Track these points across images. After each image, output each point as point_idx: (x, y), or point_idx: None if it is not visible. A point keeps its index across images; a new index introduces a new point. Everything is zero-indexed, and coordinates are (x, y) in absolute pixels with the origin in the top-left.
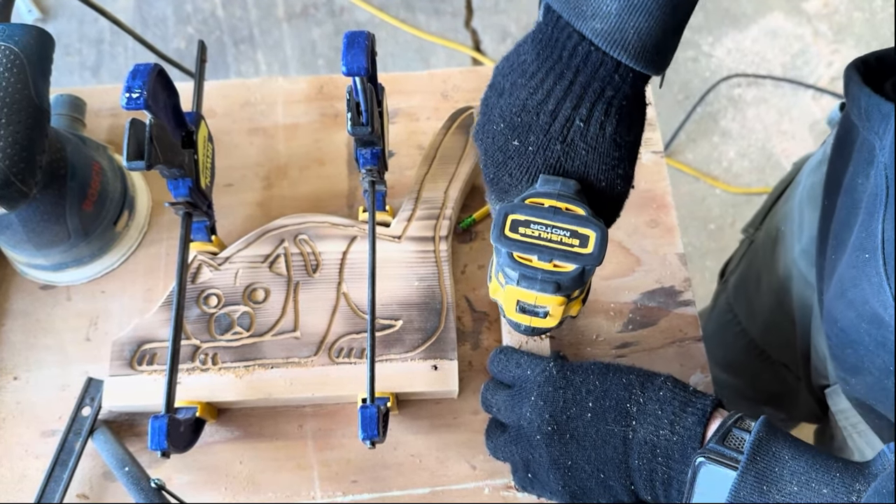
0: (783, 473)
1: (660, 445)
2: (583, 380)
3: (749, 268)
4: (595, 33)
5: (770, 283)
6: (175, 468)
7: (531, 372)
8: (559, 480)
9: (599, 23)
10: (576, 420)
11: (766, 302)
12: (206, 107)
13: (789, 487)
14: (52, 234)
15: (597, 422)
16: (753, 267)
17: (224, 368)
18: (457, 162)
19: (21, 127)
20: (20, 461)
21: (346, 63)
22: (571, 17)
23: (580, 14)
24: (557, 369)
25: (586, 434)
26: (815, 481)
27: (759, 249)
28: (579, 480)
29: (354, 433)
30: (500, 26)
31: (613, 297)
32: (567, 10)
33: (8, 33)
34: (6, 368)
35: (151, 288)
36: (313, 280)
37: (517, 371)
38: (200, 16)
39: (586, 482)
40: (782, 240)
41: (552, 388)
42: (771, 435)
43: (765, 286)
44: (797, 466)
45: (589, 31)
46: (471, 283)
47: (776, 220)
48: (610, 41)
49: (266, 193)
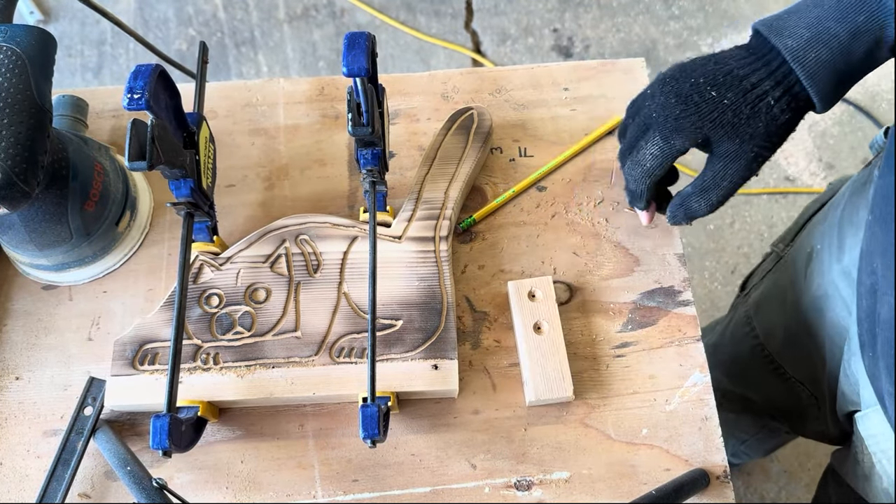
0: None
1: None
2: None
3: (775, 285)
4: (785, 48)
5: (799, 301)
6: (177, 467)
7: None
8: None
9: (792, 41)
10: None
11: (791, 320)
12: (207, 108)
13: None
14: (54, 234)
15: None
16: (780, 284)
17: (225, 368)
18: (457, 162)
19: (23, 127)
20: (22, 460)
21: (347, 64)
22: (772, 36)
23: (779, 34)
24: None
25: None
26: None
27: (789, 267)
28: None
29: (355, 432)
30: (499, 28)
31: (613, 297)
32: (770, 32)
33: (10, 34)
34: (8, 368)
35: (153, 288)
36: (314, 280)
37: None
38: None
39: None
40: (817, 259)
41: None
42: None
43: (791, 304)
44: None
45: (781, 46)
46: (471, 282)
47: (811, 239)
48: (793, 56)
49: (267, 194)
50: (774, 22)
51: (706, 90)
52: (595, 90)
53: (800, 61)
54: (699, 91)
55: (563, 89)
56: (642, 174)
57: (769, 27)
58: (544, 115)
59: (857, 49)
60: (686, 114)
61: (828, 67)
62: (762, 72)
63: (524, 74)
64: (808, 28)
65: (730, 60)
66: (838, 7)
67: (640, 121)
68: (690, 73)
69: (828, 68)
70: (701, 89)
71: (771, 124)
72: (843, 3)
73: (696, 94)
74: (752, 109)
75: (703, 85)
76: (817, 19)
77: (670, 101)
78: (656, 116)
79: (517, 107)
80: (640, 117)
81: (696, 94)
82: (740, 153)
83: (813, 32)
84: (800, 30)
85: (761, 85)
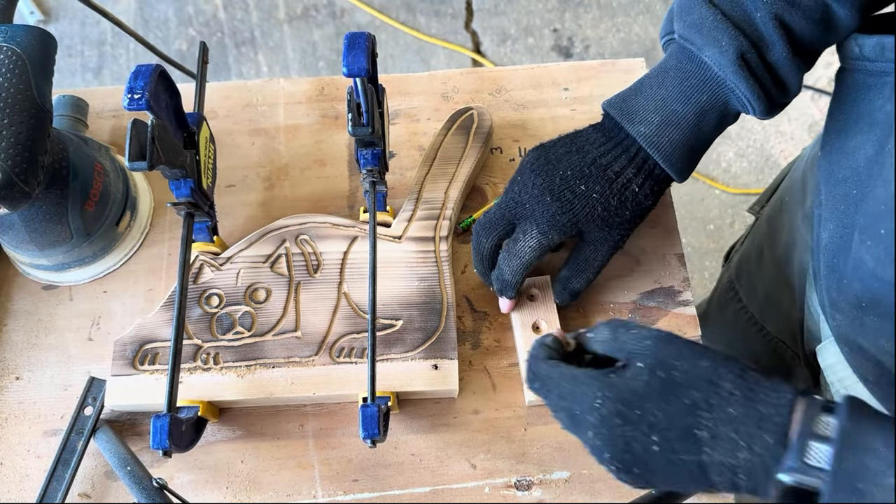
0: (879, 467)
1: (740, 466)
2: (641, 413)
3: (752, 243)
4: (640, 135)
5: (772, 255)
6: (177, 467)
7: (579, 410)
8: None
9: (644, 127)
10: (642, 456)
11: (766, 275)
12: (207, 108)
13: (887, 481)
14: (55, 234)
15: (665, 453)
16: (756, 242)
17: (226, 368)
18: (457, 162)
19: (23, 127)
20: (22, 460)
21: (347, 64)
22: (624, 121)
23: (631, 119)
24: (608, 407)
25: (656, 465)
26: None
27: (763, 224)
28: (654, 486)
29: (355, 432)
30: (499, 28)
31: (613, 297)
32: (621, 117)
33: (10, 34)
34: (9, 368)
35: (153, 288)
36: (314, 280)
37: (563, 403)
38: (202, 18)
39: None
40: (786, 210)
41: (607, 430)
42: (857, 425)
43: (767, 259)
44: (891, 455)
45: (635, 133)
46: (471, 282)
47: (780, 193)
48: (648, 142)
49: (267, 194)
50: (623, 105)
51: (575, 185)
52: (595, 90)
53: (655, 146)
54: (569, 186)
55: (563, 89)
56: (520, 266)
57: (620, 111)
58: (544, 115)
59: (706, 126)
60: (562, 211)
61: (681, 146)
62: (623, 159)
63: (524, 74)
64: (656, 112)
65: (591, 148)
66: (681, 89)
67: (512, 205)
68: (556, 164)
69: (682, 147)
70: (570, 184)
71: (636, 210)
72: (686, 84)
73: (567, 190)
74: (619, 200)
75: (571, 178)
76: (663, 102)
77: (545, 199)
78: (531, 210)
79: (517, 107)
80: (511, 204)
81: (567, 191)
82: (608, 238)
83: (661, 116)
84: (649, 114)
85: (624, 173)
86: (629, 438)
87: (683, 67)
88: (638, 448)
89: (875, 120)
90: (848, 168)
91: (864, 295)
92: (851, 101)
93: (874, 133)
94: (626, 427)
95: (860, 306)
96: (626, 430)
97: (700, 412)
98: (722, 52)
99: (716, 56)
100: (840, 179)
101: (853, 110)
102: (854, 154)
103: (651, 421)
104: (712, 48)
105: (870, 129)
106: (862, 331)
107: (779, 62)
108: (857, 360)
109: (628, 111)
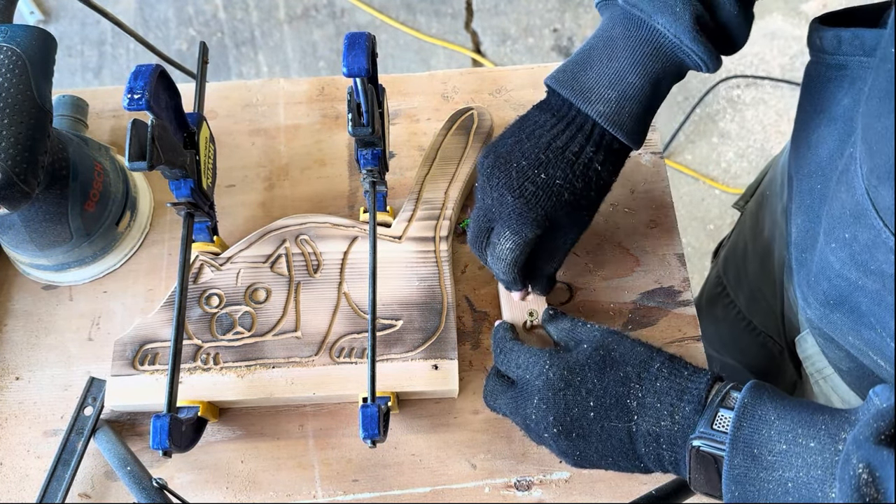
0: (771, 434)
1: (663, 434)
2: (581, 380)
3: (738, 238)
4: (599, 115)
5: (755, 248)
6: (177, 467)
7: (530, 375)
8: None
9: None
10: (580, 420)
11: (751, 269)
12: (207, 108)
13: (779, 447)
14: (55, 234)
15: (600, 419)
16: (741, 236)
17: (226, 368)
18: (457, 162)
19: (23, 127)
20: (22, 461)
21: (347, 64)
22: (579, 101)
23: (586, 99)
24: (554, 371)
25: (591, 431)
26: (802, 436)
27: (747, 219)
28: (590, 462)
29: (355, 432)
30: (499, 28)
31: (613, 297)
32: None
33: (10, 34)
34: (8, 368)
35: (153, 288)
36: (314, 280)
37: (518, 372)
38: (202, 18)
39: (597, 463)
40: (767, 204)
41: (552, 393)
42: (755, 399)
43: (750, 253)
44: (783, 426)
45: (594, 114)
46: (471, 282)
47: (763, 188)
48: (610, 122)
49: (267, 194)
50: (574, 83)
51: (535, 175)
52: None
53: (617, 125)
54: (529, 178)
55: None
56: (507, 267)
57: (572, 90)
58: None
59: (661, 92)
60: (528, 208)
61: (640, 119)
62: (580, 138)
63: (524, 74)
64: (612, 87)
65: (542, 132)
66: (633, 59)
67: (483, 213)
68: (509, 158)
69: (641, 120)
70: (529, 175)
71: (601, 189)
72: (638, 53)
73: (528, 182)
74: (583, 182)
75: (528, 169)
76: (617, 75)
77: (506, 198)
78: (497, 213)
79: (517, 107)
80: (480, 213)
81: (528, 183)
82: (577, 222)
83: (618, 92)
84: (605, 91)
85: (584, 152)
86: (570, 402)
87: (632, 35)
88: (576, 412)
89: (834, 114)
90: (813, 162)
91: (830, 292)
92: (814, 94)
93: (834, 127)
94: (567, 391)
95: (827, 303)
96: (567, 393)
97: (632, 384)
98: (676, 18)
99: (669, 23)
100: (806, 174)
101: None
102: (817, 148)
103: (589, 388)
104: (664, 15)
105: (830, 123)
106: (831, 326)
107: (729, 20)
108: (831, 351)
109: (581, 89)
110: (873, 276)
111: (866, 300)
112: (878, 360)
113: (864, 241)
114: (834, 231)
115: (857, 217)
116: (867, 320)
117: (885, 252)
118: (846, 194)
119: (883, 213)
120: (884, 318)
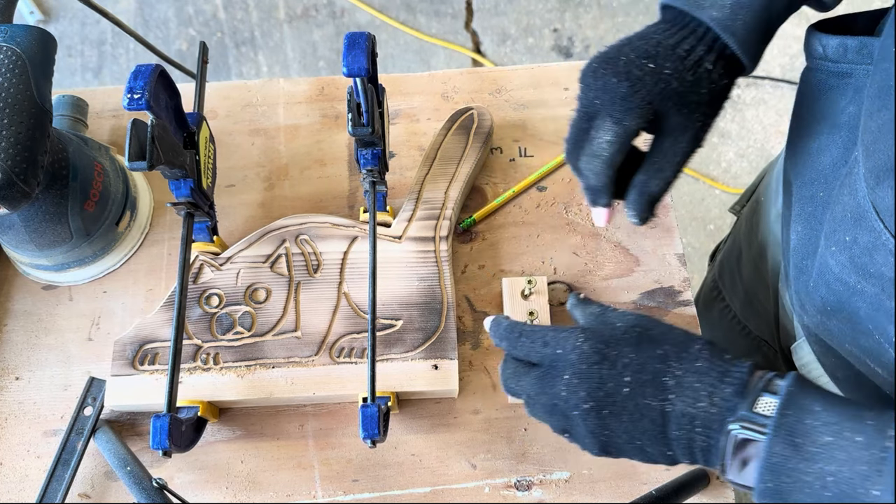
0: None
1: (699, 417)
2: (617, 353)
3: (733, 242)
4: (712, 20)
5: (750, 253)
6: (177, 467)
7: (562, 350)
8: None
9: (716, 11)
10: (613, 395)
11: (746, 273)
12: (207, 108)
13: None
14: (54, 234)
15: (634, 396)
16: (737, 241)
17: (225, 368)
18: (457, 162)
19: (23, 127)
20: (22, 461)
21: (347, 64)
22: (692, 8)
23: (699, 6)
24: (590, 345)
25: (624, 408)
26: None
27: (743, 223)
28: (616, 446)
29: (355, 432)
30: (499, 28)
31: (613, 297)
32: (688, 5)
33: (10, 34)
34: (8, 368)
35: (153, 288)
36: (314, 280)
37: (545, 350)
38: (202, 18)
39: (623, 447)
40: (761, 209)
41: (586, 366)
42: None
43: (745, 257)
44: (829, 417)
45: (707, 18)
46: (471, 282)
47: (758, 193)
48: (722, 27)
49: (267, 194)
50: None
51: (643, 63)
52: None
53: (730, 31)
54: (637, 65)
55: (563, 89)
56: (602, 166)
57: (685, 1)
58: (544, 115)
59: (775, 6)
60: (632, 91)
61: (756, 30)
62: (691, 39)
63: (524, 74)
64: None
65: (653, 35)
66: None
67: (582, 113)
68: (617, 53)
69: (756, 31)
70: (637, 63)
71: (713, 89)
72: None
73: (636, 67)
74: (693, 75)
75: (636, 59)
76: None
77: (611, 82)
78: (600, 102)
79: (517, 107)
80: (580, 113)
81: (635, 69)
82: (688, 124)
83: None
84: None
85: (695, 51)
86: (605, 376)
87: None
88: (611, 386)
89: (838, 122)
90: (814, 170)
91: (828, 298)
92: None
93: (838, 135)
94: (603, 364)
95: (825, 310)
96: (603, 367)
97: (670, 361)
98: None
99: None
100: (807, 181)
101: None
102: (819, 156)
103: (626, 362)
104: None
105: (833, 131)
106: (828, 334)
107: None
108: (828, 359)
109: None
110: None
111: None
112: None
113: (864, 243)
114: (835, 234)
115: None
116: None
117: (884, 254)
118: (848, 197)
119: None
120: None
